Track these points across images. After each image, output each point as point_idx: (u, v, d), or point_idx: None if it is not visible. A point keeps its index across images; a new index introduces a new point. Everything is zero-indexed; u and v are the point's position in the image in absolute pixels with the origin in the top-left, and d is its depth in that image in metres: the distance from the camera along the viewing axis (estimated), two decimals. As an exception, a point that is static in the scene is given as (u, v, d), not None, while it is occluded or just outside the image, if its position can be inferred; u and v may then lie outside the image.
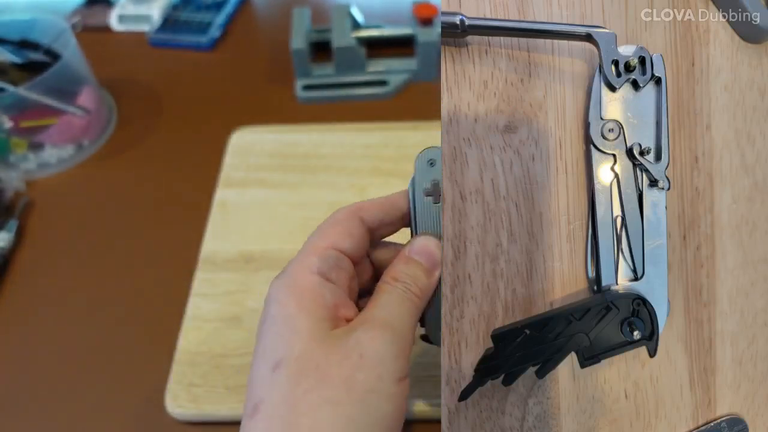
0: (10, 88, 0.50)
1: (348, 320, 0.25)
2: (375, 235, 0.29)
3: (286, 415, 0.22)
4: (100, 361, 0.41)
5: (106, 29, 0.73)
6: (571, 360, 0.32)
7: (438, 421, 0.34)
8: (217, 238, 0.47)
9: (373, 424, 0.22)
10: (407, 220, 0.29)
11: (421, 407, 0.37)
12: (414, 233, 0.30)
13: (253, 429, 0.23)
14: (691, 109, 0.35)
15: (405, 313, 0.26)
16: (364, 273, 0.30)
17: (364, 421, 0.22)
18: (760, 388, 0.36)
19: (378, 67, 0.63)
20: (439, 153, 0.31)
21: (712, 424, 0.35)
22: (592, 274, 0.33)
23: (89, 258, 0.48)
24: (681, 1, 0.35)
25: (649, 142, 0.33)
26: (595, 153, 0.33)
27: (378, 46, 0.65)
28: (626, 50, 0.32)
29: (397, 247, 0.30)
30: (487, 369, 0.31)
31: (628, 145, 0.33)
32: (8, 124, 0.52)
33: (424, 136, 0.54)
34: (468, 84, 0.33)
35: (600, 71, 0.33)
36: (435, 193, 0.30)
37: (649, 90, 0.33)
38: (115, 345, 0.42)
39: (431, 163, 0.31)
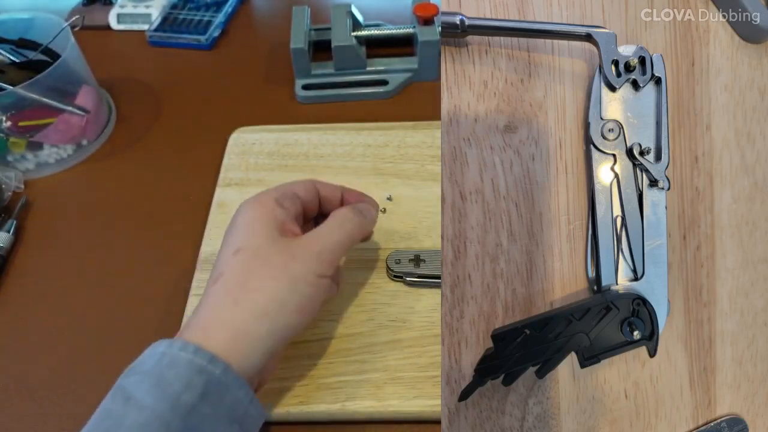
0: (9, 87, 0.50)
1: (293, 232, 0.35)
2: (321, 204, 0.39)
3: (240, 280, 0.32)
4: (99, 362, 0.41)
5: (105, 28, 0.73)
6: (571, 360, 0.32)
7: (438, 421, 0.34)
8: (217, 238, 0.46)
9: (295, 299, 0.32)
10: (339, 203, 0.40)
11: (421, 407, 0.37)
12: None
13: (216, 290, 0.32)
14: (691, 109, 0.35)
15: (337, 237, 0.35)
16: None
17: (289, 294, 0.32)
18: (760, 388, 0.36)
19: (378, 66, 0.63)
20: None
21: (712, 424, 0.35)
22: (592, 274, 0.33)
23: (88, 258, 0.48)
24: (681, 1, 0.35)
25: (649, 142, 0.33)
26: (595, 153, 0.33)
27: (378, 46, 0.65)
28: (626, 50, 0.32)
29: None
30: (487, 369, 0.31)
31: (628, 145, 0.33)
32: (6, 123, 0.52)
33: (424, 136, 0.54)
34: (468, 84, 0.33)
35: (600, 71, 0.33)
36: None
37: (649, 90, 0.33)
38: (115, 345, 0.42)
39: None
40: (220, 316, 0.31)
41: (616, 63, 0.32)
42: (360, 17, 0.65)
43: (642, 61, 0.32)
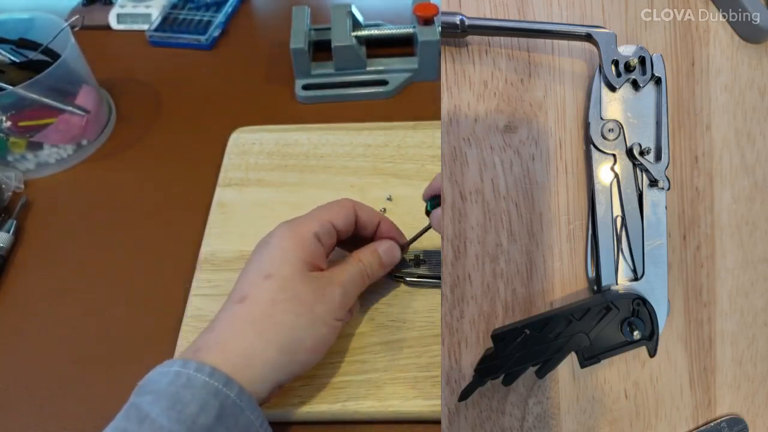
0: (9, 87, 0.50)
1: (320, 269, 0.36)
2: (357, 228, 0.40)
3: (266, 309, 0.33)
4: (100, 361, 0.41)
5: (106, 28, 0.73)
6: (571, 360, 0.32)
7: (438, 421, 0.34)
8: (217, 238, 0.47)
9: (312, 337, 0.34)
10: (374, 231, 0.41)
11: (421, 407, 0.37)
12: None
13: (240, 314, 0.33)
14: (691, 109, 0.35)
15: (356, 283, 0.37)
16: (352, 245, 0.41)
17: (307, 332, 0.34)
18: (760, 388, 0.36)
19: (378, 66, 0.63)
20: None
21: (712, 424, 0.35)
22: (592, 274, 0.33)
23: (88, 258, 0.48)
24: (681, 1, 0.35)
25: (649, 142, 0.33)
26: (595, 153, 0.33)
27: (378, 46, 0.65)
28: (626, 50, 0.32)
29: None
30: (487, 369, 0.31)
31: (628, 145, 0.33)
32: (6, 123, 0.52)
33: (424, 136, 0.54)
34: (468, 84, 0.33)
35: (600, 71, 0.33)
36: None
37: (649, 90, 0.33)
38: (114, 345, 0.42)
39: None
40: (241, 343, 0.32)
41: (616, 63, 0.32)
42: (360, 17, 0.65)
43: (642, 61, 0.32)
